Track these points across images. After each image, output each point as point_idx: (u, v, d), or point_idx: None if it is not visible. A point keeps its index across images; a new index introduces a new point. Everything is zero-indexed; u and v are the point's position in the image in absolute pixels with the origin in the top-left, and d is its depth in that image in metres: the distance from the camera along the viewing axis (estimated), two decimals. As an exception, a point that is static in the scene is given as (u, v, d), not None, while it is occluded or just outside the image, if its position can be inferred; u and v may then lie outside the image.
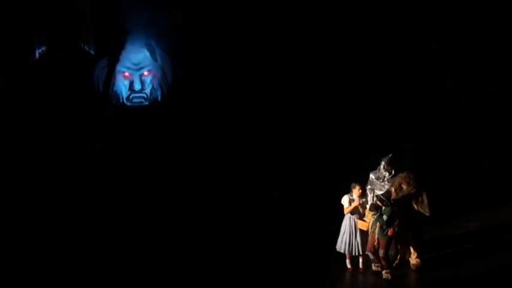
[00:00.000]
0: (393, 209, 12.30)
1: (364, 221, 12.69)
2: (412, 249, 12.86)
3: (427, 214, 12.61)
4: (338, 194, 13.31)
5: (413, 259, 12.83)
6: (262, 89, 19.55)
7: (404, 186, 12.65)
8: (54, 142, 18.08)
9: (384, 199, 12.40)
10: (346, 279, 12.66)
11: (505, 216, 15.20)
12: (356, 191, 12.84)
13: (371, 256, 12.57)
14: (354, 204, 12.81)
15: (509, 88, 19.54)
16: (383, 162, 13.19)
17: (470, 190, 16.18)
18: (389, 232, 12.26)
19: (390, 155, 13.20)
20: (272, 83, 19.60)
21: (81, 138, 18.24)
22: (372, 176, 13.31)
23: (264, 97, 19.42)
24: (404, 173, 12.78)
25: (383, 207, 12.31)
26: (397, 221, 12.31)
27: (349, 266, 12.91)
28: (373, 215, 12.36)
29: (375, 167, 13.39)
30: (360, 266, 12.90)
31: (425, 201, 12.64)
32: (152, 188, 16.41)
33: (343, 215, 13.01)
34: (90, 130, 18.50)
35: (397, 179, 12.79)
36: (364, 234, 12.75)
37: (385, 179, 13.12)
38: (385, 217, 12.22)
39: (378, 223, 12.27)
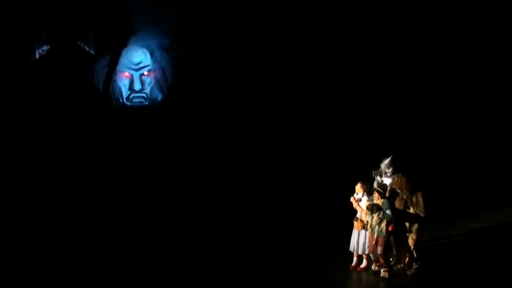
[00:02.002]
0: (390, 201, 12.31)
1: (362, 221, 12.66)
2: (408, 250, 12.84)
3: (423, 215, 12.56)
4: (338, 194, 13.32)
5: (408, 259, 12.82)
6: (263, 89, 19.56)
7: (398, 191, 12.61)
8: (54, 141, 18.10)
9: (381, 191, 12.41)
10: (345, 278, 12.63)
11: (505, 216, 15.21)
12: (357, 188, 12.82)
13: (372, 257, 12.57)
14: (353, 202, 12.80)
15: (507, 90, 19.61)
16: (383, 162, 13.17)
17: (470, 190, 16.19)
18: (390, 228, 12.25)
19: (391, 156, 13.18)
20: (274, 84, 19.62)
21: (81, 138, 18.26)
22: (374, 176, 13.31)
23: (265, 98, 19.43)
24: (396, 178, 12.74)
25: (382, 201, 12.26)
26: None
27: (353, 263, 12.92)
28: (377, 215, 12.29)
29: (377, 166, 13.39)
30: (362, 265, 12.89)
31: (421, 202, 12.59)
32: (152, 187, 16.41)
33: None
34: (90, 129, 18.52)
35: (391, 185, 12.75)
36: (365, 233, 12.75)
37: (385, 178, 13.11)
38: (388, 212, 12.18)
39: (382, 221, 12.20)
